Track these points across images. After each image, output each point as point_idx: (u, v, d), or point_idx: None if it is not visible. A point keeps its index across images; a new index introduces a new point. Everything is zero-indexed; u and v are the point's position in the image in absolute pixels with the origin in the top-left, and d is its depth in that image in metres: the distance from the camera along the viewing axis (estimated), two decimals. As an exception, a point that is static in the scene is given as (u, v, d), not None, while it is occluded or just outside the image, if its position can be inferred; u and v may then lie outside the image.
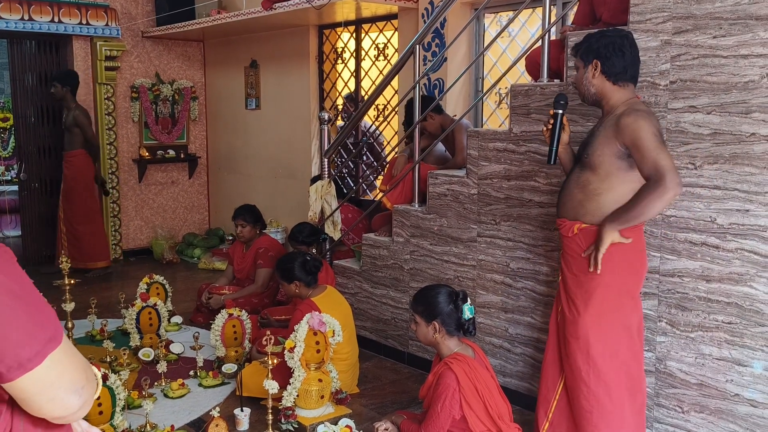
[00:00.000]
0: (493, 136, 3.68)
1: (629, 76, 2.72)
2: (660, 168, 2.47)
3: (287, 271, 3.84)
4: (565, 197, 2.85)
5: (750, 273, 2.74)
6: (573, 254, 2.80)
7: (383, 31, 6.07)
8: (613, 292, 2.70)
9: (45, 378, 1.16)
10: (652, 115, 2.62)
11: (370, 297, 4.50)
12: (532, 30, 5.07)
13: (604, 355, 2.71)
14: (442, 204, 3.97)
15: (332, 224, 4.90)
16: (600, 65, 2.71)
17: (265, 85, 7.00)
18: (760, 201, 2.69)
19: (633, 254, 2.71)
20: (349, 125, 5.01)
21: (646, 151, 2.51)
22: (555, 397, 2.90)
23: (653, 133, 2.53)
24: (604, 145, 2.67)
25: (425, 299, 2.94)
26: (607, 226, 2.63)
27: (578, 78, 2.81)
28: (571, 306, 2.79)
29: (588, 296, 2.72)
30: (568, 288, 2.82)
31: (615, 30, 2.76)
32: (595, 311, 2.71)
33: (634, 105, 2.67)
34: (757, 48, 2.66)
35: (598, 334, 2.71)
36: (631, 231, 2.67)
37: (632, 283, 2.73)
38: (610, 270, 2.69)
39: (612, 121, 2.67)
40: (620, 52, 2.68)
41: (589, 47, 2.74)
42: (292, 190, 6.73)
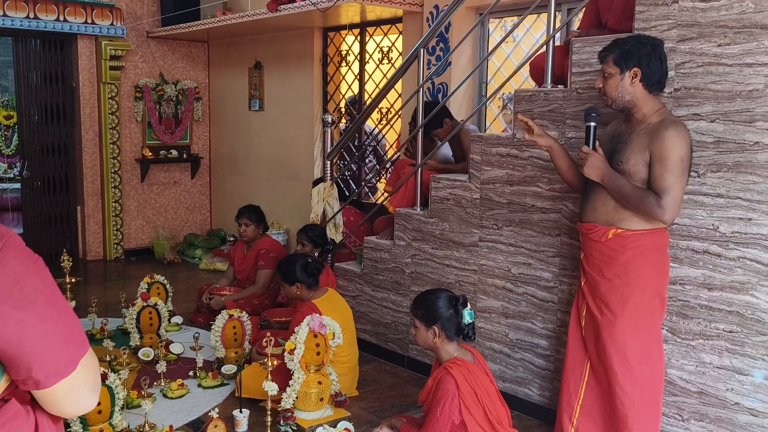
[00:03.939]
0: (496, 141, 3.67)
1: (662, 86, 2.73)
2: (668, 199, 2.59)
3: (288, 272, 3.84)
4: (597, 202, 2.84)
5: (752, 282, 2.73)
6: (606, 259, 2.80)
7: (388, 35, 6.07)
8: (648, 295, 2.74)
9: (76, 382, 1.20)
10: (687, 132, 2.65)
11: (370, 300, 4.50)
12: (537, 35, 5.07)
13: (641, 359, 2.74)
14: (444, 208, 3.96)
15: (334, 227, 4.90)
16: (641, 74, 2.68)
17: (269, 87, 7.01)
18: (763, 210, 2.69)
19: (662, 256, 2.78)
20: (352, 128, 5.01)
21: (667, 174, 2.59)
22: (579, 401, 2.92)
23: (681, 159, 2.59)
24: (638, 154, 2.69)
25: (425, 303, 2.94)
26: (606, 170, 2.72)
27: (611, 85, 2.75)
28: (604, 310, 2.80)
29: (624, 300, 2.75)
30: (599, 293, 2.83)
31: (648, 37, 2.74)
32: (632, 315, 2.74)
33: (670, 117, 2.69)
34: (761, 57, 2.66)
35: (635, 338, 2.74)
36: (663, 233, 2.74)
37: (662, 285, 2.79)
38: (646, 273, 2.73)
39: (647, 130, 2.69)
40: (660, 61, 2.68)
41: (629, 54, 2.69)
42: (295, 192, 6.73)
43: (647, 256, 2.72)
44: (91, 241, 7.18)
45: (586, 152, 2.78)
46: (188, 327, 4.92)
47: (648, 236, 2.71)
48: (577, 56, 3.27)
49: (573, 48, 3.29)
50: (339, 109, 6.58)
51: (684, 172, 2.61)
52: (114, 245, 7.21)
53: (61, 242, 7.08)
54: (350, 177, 6.54)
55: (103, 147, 7.06)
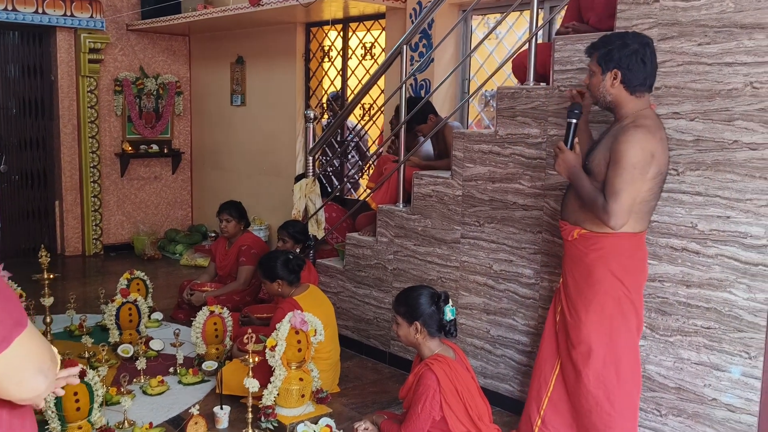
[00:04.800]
0: (478, 138, 3.68)
1: (647, 86, 2.68)
2: (614, 204, 2.58)
3: (270, 269, 3.82)
4: (568, 200, 2.87)
5: (729, 279, 2.76)
6: (573, 258, 2.83)
7: (371, 31, 6.06)
8: (613, 299, 2.73)
9: (12, 361, 1.20)
10: (652, 134, 2.59)
11: (352, 296, 4.49)
12: (519, 33, 5.09)
13: (606, 361, 2.75)
14: (426, 205, 3.97)
15: (316, 223, 4.89)
16: (620, 76, 2.65)
17: (251, 82, 6.96)
18: (741, 208, 2.72)
19: (631, 261, 2.74)
20: (334, 124, 4.99)
21: (617, 179, 2.58)
22: (548, 394, 2.94)
23: (634, 165, 2.55)
24: (602, 154, 2.69)
25: (407, 300, 2.94)
26: (574, 168, 2.72)
27: (594, 83, 2.74)
28: (572, 310, 2.83)
29: (588, 303, 2.77)
30: (569, 292, 2.86)
31: (637, 36, 2.67)
32: (596, 317, 2.75)
33: (640, 120, 2.63)
34: (741, 56, 2.69)
35: (600, 341, 2.75)
36: (631, 237, 2.71)
37: (633, 291, 2.75)
38: (608, 277, 2.72)
39: (617, 130, 2.68)
40: (642, 63, 2.63)
41: (609, 55, 2.66)
42: (277, 187, 6.70)
43: (610, 259, 2.71)
44: (69, 236, 7.10)
45: (560, 148, 2.78)
46: (168, 323, 4.89)
47: (610, 239, 2.70)
48: (559, 54, 3.28)
49: (555, 46, 3.30)
50: (321, 105, 6.56)
51: (636, 178, 2.56)
52: (93, 241, 7.14)
53: (39, 237, 6.99)
54: (333, 173, 6.53)
55: (82, 141, 6.97)
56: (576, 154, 2.76)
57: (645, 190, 2.62)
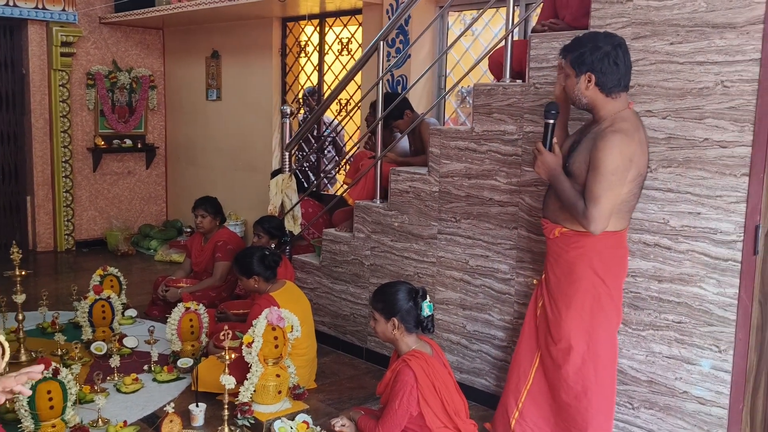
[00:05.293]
0: (455, 135, 3.70)
1: (623, 86, 2.69)
2: (594, 210, 2.60)
3: (246, 265, 3.80)
4: (549, 199, 2.89)
5: (700, 274, 2.82)
6: (555, 256, 2.86)
7: (347, 26, 6.05)
8: (592, 296, 2.76)
9: None
10: (630, 138, 2.60)
11: (329, 292, 4.49)
12: (496, 30, 5.12)
13: (585, 357, 2.78)
14: (403, 201, 3.98)
15: (292, 218, 4.87)
16: (594, 78, 2.65)
17: (227, 76, 6.91)
18: (711, 204, 2.77)
19: (611, 259, 2.78)
20: (311, 119, 4.97)
21: (596, 186, 2.59)
22: (527, 387, 2.97)
23: (613, 171, 2.57)
24: (583, 156, 2.70)
25: (385, 296, 2.95)
26: (554, 170, 2.73)
27: (569, 85, 2.75)
28: (553, 307, 2.86)
29: (569, 299, 2.79)
30: (551, 289, 2.88)
31: (608, 38, 2.66)
32: (576, 314, 2.78)
33: (618, 123, 2.64)
34: (712, 55, 2.73)
35: (580, 337, 2.78)
36: (611, 236, 2.74)
37: (613, 287, 2.78)
38: (588, 275, 2.75)
39: (595, 134, 2.68)
40: (615, 64, 2.63)
41: (581, 59, 2.66)
42: (253, 183, 6.67)
43: (590, 257, 2.74)
44: (41, 232, 6.99)
45: (539, 150, 2.78)
46: (143, 320, 4.84)
47: (591, 238, 2.72)
48: (535, 51, 3.31)
49: (531, 43, 3.32)
50: (298, 100, 6.53)
51: (615, 184, 2.58)
52: (65, 236, 7.04)
53: (11, 233, 6.87)
54: (309, 168, 6.51)
55: (53, 135, 6.87)
56: (555, 155, 2.77)
57: (625, 192, 2.65)
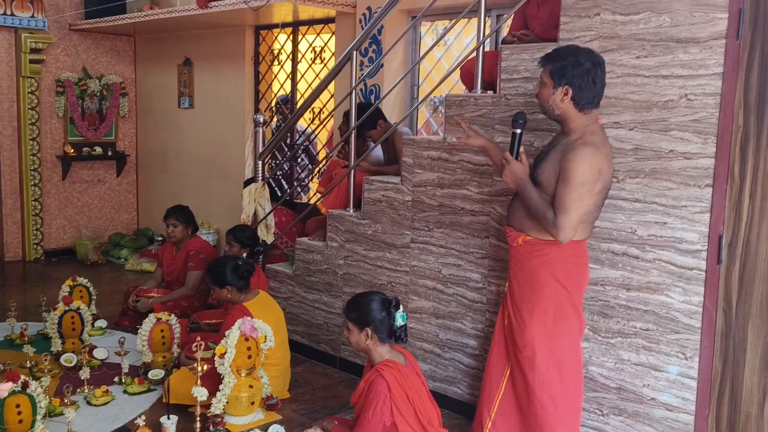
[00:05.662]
0: (427, 145, 3.73)
1: (595, 104, 2.75)
2: (563, 220, 2.65)
3: (219, 275, 3.78)
4: (514, 207, 2.93)
5: (666, 282, 2.88)
6: (518, 264, 2.90)
7: (320, 35, 6.06)
8: (556, 304, 2.80)
9: None
10: (599, 151, 2.66)
11: (302, 301, 4.49)
12: (467, 40, 5.17)
13: (549, 364, 2.82)
14: (376, 210, 3.99)
15: (265, 227, 4.86)
16: (571, 93, 2.70)
17: (199, 84, 6.88)
18: (677, 214, 2.83)
19: (573, 267, 2.83)
20: (284, 128, 4.97)
21: (566, 196, 2.64)
22: (498, 396, 3.00)
23: (583, 182, 2.62)
24: (551, 167, 2.75)
25: (358, 306, 2.96)
26: (522, 179, 2.77)
27: (544, 95, 2.78)
28: (517, 315, 2.90)
29: (532, 307, 2.83)
30: (514, 297, 2.92)
31: (590, 55, 2.71)
32: (539, 321, 2.82)
33: (588, 136, 2.69)
34: (676, 69, 2.80)
35: (542, 345, 2.82)
36: (574, 245, 2.79)
37: (575, 295, 2.83)
38: (551, 283, 2.80)
39: (565, 146, 2.73)
40: (593, 83, 2.68)
41: (562, 71, 2.69)
42: (225, 191, 6.63)
43: (553, 265, 2.79)
44: (9, 241, 6.86)
45: (506, 159, 2.82)
46: (113, 331, 4.79)
47: (554, 246, 2.77)
48: (506, 63, 3.35)
49: (502, 55, 3.37)
50: (271, 108, 6.52)
51: (584, 195, 2.64)
52: (33, 246, 6.92)
53: (-24, 243, 6.74)
54: (282, 177, 6.50)
55: (22, 143, 6.76)
56: (523, 164, 2.81)
57: (592, 203, 2.71)
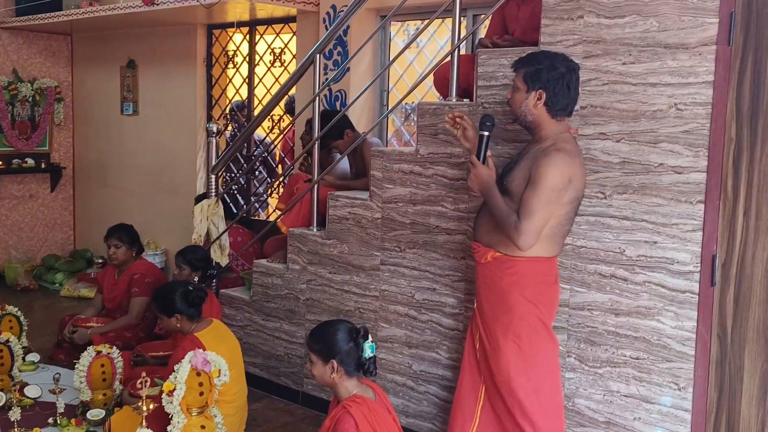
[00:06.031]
0: (398, 157, 3.79)
1: (568, 112, 2.89)
2: (526, 224, 2.74)
3: (166, 302, 3.78)
4: (482, 219, 3.01)
5: (657, 307, 2.96)
6: (487, 283, 2.98)
7: (280, 35, 6.11)
8: (529, 324, 2.89)
9: None
10: (572, 159, 2.79)
11: (261, 330, 4.49)
12: (441, 42, 5.26)
13: (527, 390, 2.89)
14: (342, 228, 4.03)
15: (219, 248, 4.86)
16: (545, 97, 2.83)
17: (145, 89, 6.88)
18: (668, 233, 2.92)
19: (543, 286, 2.93)
20: (240, 138, 5.00)
21: (533, 199, 2.75)
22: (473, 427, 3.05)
23: (552, 188, 2.74)
24: (521, 175, 2.85)
25: (322, 336, 2.98)
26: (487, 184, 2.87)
27: (516, 100, 2.91)
28: (490, 338, 2.97)
29: (505, 329, 2.91)
30: (485, 318, 2.99)
31: (565, 60, 2.86)
32: (514, 345, 2.89)
33: (561, 143, 2.83)
34: (665, 77, 2.90)
35: (519, 369, 2.89)
36: (544, 263, 2.89)
37: (546, 314, 2.94)
38: (522, 302, 2.88)
39: (536, 153, 2.85)
40: (567, 88, 2.83)
41: (537, 75, 2.83)
42: (174, 208, 6.62)
43: (523, 285, 2.88)
44: (-75, 265, 6.76)
45: (472, 162, 2.92)
46: (47, 366, 4.73)
47: (525, 263, 2.87)
48: (483, 69, 3.44)
49: (479, 60, 3.45)
50: (225, 116, 6.55)
51: (552, 201, 2.75)
52: (-45, 270, 6.82)
53: None
54: (238, 192, 6.51)
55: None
56: (489, 168, 2.92)
57: (561, 214, 2.82)
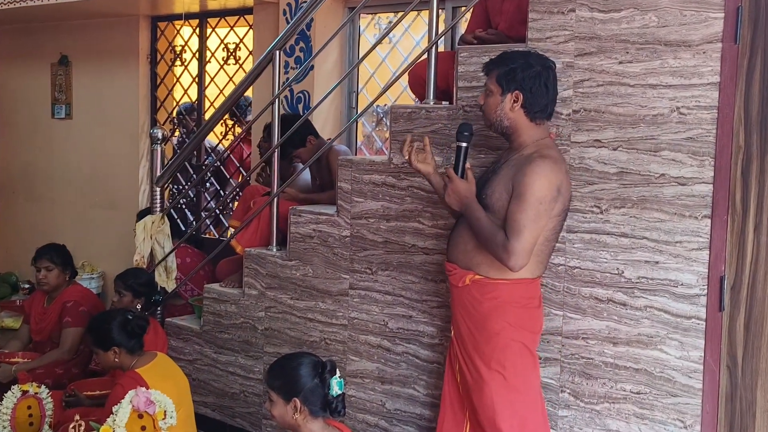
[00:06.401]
0: (369, 167, 3.79)
1: (548, 114, 2.94)
2: (516, 243, 2.75)
3: (102, 333, 3.73)
4: (458, 239, 3.03)
5: (660, 335, 2.99)
6: (466, 309, 2.99)
7: (234, 28, 6.11)
8: (512, 351, 2.91)
9: None
10: (558, 166, 2.83)
11: (213, 365, 4.46)
12: (417, 37, 5.29)
13: (513, 425, 2.90)
14: (306, 248, 4.02)
15: (165, 271, 4.82)
16: (522, 99, 2.87)
17: (79, 89, 6.86)
18: (671, 252, 2.96)
19: (528, 310, 2.96)
20: (189, 145, 4.97)
21: (520, 215, 2.77)
22: None
23: (540, 200, 2.76)
24: (502, 186, 2.87)
25: (283, 372, 2.96)
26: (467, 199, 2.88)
27: (490, 104, 2.94)
28: (471, 369, 2.98)
29: (487, 359, 2.92)
30: (465, 347, 3.00)
31: (539, 58, 2.91)
32: (498, 375, 2.91)
33: (545, 149, 2.87)
34: (666, 77, 2.95)
35: (504, 402, 2.91)
36: (528, 284, 2.92)
37: (530, 340, 2.97)
38: (506, 328, 2.90)
39: (518, 161, 2.88)
40: (545, 87, 2.87)
41: (511, 75, 2.87)
42: (113, 225, 6.58)
43: (506, 309, 2.90)
44: None
45: (449, 176, 2.94)
46: (-36, 408, 4.64)
47: (507, 286, 2.90)
48: (464, 68, 3.46)
49: (459, 58, 3.47)
50: (172, 120, 6.52)
51: (542, 215, 2.78)
52: None
53: None
54: (186, 206, 6.47)
55: None
56: (468, 181, 2.93)
57: (549, 228, 2.85)
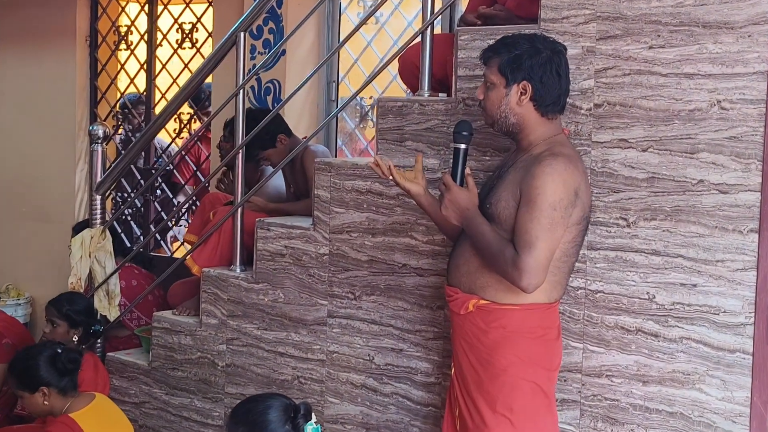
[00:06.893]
0: (352, 171, 3.76)
1: (560, 107, 2.88)
2: (528, 258, 2.70)
3: (27, 371, 3.71)
4: (459, 259, 2.99)
5: (699, 371, 2.96)
6: (468, 340, 2.96)
7: (191, 5, 6.09)
8: (525, 392, 2.87)
9: None
10: (574, 165, 2.79)
11: (163, 409, 4.42)
12: (409, 17, 5.28)
13: None
14: (276, 268, 3.99)
15: (106, 296, 4.78)
16: (531, 90, 2.81)
17: (4, 78, 6.86)
18: (711, 273, 2.94)
19: (543, 342, 2.92)
20: (136, 144, 4.94)
21: (531, 225, 2.72)
22: None
23: (553, 206, 2.71)
24: (509, 193, 2.84)
25: (248, 417, 2.93)
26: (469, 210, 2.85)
27: (492, 99, 2.89)
28: (472, 411, 2.94)
29: (493, 400, 2.88)
30: (467, 385, 2.97)
31: (546, 42, 2.86)
32: (504, 420, 2.86)
33: (557, 147, 2.82)
34: (704, 65, 2.93)
35: None
36: (544, 310, 2.88)
37: (544, 379, 2.92)
38: (515, 365, 2.86)
39: (526, 162, 2.84)
40: (557, 75, 2.81)
41: (517, 63, 2.80)
42: (44, 241, 6.57)
43: (516, 341, 2.85)
44: None
45: (447, 184, 2.90)
46: None
47: (520, 315, 2.86)
48: (465, 53, 3.44)
49: (459, 42, 3.46)
50: (115, 114, 6.49)
51: (557, 223, 2.73)
52: None
53: None
54: (133, 218, 6.43)
55: None
56: (468, 190, 2.90)
57: (567, 240, 2.81)
